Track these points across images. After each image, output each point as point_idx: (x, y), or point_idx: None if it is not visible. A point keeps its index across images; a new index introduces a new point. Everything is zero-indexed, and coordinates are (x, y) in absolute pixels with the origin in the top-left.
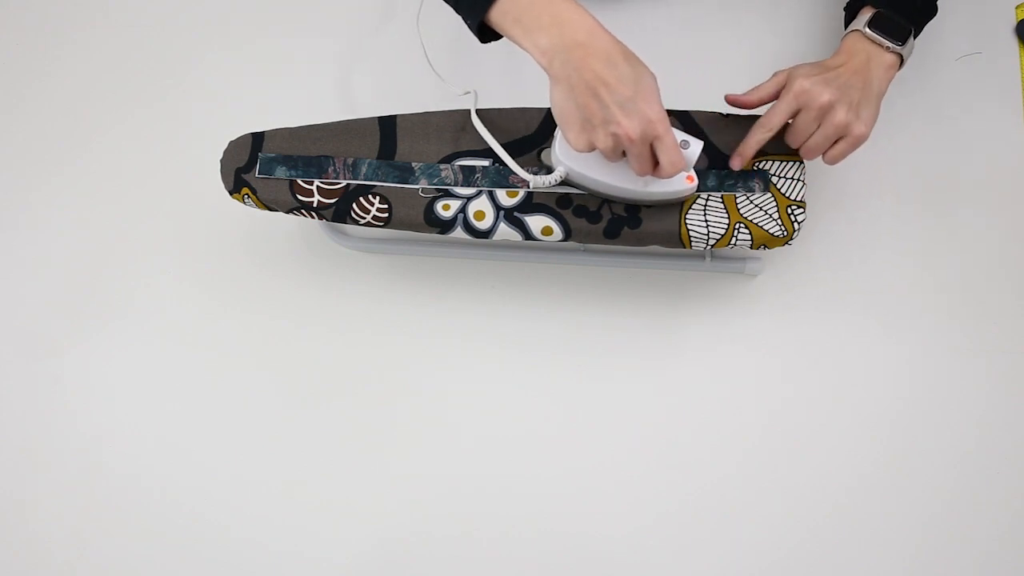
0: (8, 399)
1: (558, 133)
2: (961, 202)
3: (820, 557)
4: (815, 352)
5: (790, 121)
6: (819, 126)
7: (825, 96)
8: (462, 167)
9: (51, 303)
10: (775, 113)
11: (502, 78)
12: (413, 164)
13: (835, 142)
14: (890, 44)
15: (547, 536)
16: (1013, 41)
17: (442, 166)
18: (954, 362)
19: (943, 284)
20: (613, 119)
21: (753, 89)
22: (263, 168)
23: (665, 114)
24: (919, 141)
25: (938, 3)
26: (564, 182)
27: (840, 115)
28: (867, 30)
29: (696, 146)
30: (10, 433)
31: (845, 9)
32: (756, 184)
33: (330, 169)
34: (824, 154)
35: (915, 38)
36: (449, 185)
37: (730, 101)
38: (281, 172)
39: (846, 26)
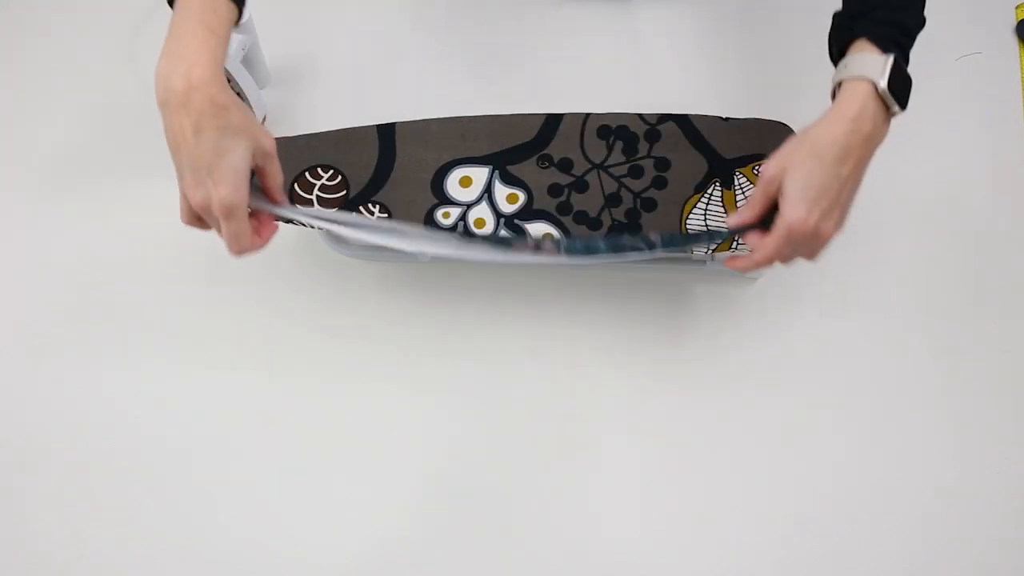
0: (8, 399)
1: None
2: (962, 202)
3: (821, 558)
4: (818, 355)
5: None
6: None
7: (824, 230)
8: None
9: (52, 305)
10: (770, 253)
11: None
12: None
13: None
14: (897, 109)
15: (548, 538)
16: (1013, 41)
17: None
18: (957, 362)
19: (945, 284)
20: None
21: (744, 208)
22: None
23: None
24: (919, 141)
25: (938, 2)
26: None
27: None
28: (886, 91)
29: None
30: (10, 433)
31: (832, 40)
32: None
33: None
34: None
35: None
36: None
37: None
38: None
39: (836, 59)
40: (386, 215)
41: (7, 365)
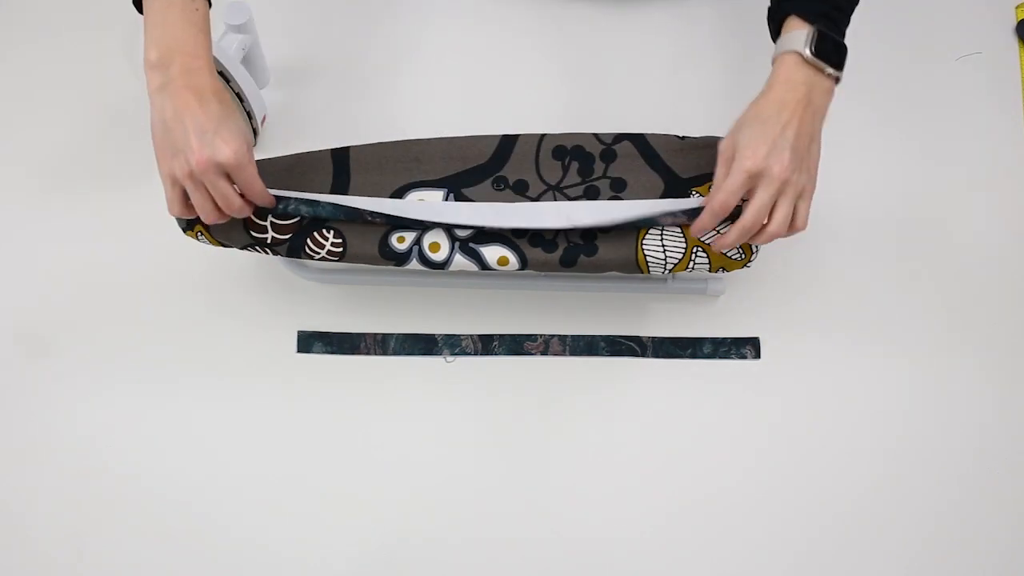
0: (8, 400)
1: None
2: (960, 203)
3: (822, 566)
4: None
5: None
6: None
7: (779, 169)
8: (481, 337)
9: (50, 307)
10: (726, 194)
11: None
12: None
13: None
14: (831, 71)
15: (547, 551)
16: (1013, 41)
17: (463, 336)
18: (956, 364)
19: (944, 285)
20: None
21: (713, 191)
22: None
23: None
24: (918, 141)
25: (938, 2)
26: None
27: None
28: (808, 54)
29: None
30: (10, 433)
31: (769, 20)
32: (748, 351)
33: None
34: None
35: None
36: (470, 354)
37: (696, 232)
38: None
39: (775, 37)
40: (340, 240)
41: (6, 366)
